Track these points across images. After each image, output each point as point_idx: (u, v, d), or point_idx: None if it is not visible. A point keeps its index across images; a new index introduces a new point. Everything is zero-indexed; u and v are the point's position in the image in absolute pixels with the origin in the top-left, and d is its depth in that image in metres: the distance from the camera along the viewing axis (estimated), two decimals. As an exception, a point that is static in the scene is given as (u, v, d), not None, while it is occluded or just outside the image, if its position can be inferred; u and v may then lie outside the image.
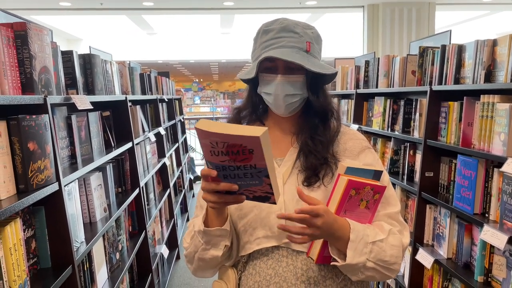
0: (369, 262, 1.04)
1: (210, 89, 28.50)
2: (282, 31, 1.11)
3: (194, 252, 1.15)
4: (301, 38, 1.12)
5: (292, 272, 1.10)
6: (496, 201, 1.84)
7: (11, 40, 1.41)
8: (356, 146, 1.21)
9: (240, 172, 0.94)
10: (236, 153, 0.90)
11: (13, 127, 1.34)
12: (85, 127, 2.08)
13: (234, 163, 0.92)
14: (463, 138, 2.06)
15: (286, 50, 1.10)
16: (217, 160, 0.92)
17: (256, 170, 0.93)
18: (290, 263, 1.11)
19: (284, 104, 1.14)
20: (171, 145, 5.02)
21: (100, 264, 2.04)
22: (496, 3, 7.87)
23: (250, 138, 0.87)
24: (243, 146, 0.89)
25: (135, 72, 3.38)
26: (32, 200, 1.36)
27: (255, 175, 0.94)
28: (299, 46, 1.11)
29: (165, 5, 7.35)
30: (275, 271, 1.11)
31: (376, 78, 3.18)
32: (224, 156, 0.91)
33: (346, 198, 1.05)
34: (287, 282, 1.10)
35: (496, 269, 1.82)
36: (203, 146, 0.91)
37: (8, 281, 1.26)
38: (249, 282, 1.14)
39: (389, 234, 1.09)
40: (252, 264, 1.14)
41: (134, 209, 2.85)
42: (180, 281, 3.94)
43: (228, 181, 0.96)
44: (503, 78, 1.84)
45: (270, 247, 1.12)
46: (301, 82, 1.14)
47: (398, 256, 1.08)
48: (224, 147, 0.90)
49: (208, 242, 1.10)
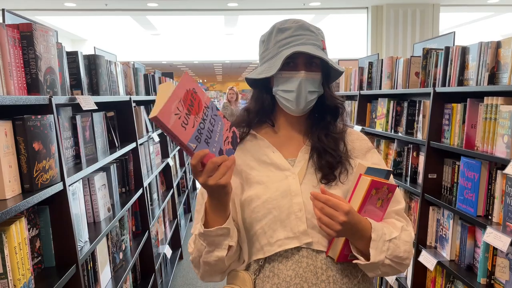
0: (387, 259, 1.07)
1: (214, 89, 28.55)
2: (299, 29, 1.12)
3: (198, 256, 1.12)
4: (317, 36, 1.14)
5: (312, 272, 1.10)
6: (499, 203, 1.83)
7: (17, 41, 1.43)
8: (363, 147, 1.23)
9: (208, 124, 0.96)
10: (192, 104, 0.92)
11: (19, 127, 1.35)
12: (89, 127, 2.09)
13: (199, 116, 0.93)
14: (467, 140, 2.06)
15: (310, 46, 1.11)
16: (190, 128, 0.91)
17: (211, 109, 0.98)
18: (311, 263, 1.11)
19: (305, 101, 1.14)
20: (174, 146, 5.03)
21: (103, 264, 2.05)
22: (500, 5, 7.85)
23: (183, 79, 0.91)
24: (188, 90, 0.91)
25: (139, 72, 3.39)
26: (37, 200, 1.37)
27: (214, 116, 0.98)
28: (318, 44, 1.13)
29: (169, 6, 7.37)
30: (295, 272, 1.10)
31: (380, 80, 3.18)
32: (190, 116, 0.91)
33: (368, 198, 1.06)
34: (308, 282, 1.09)
35: (499, 271, 1.81)
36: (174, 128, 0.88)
37: (13, 280, 1.27)
38: (265, 285, 1.12)
39: (402, 231, 1.11)
40: (270, 267, 1.13)
41: (138, 209, 2.86)
42: (183, 281, 3.95)
43: (211, 146, 0.96)
44: (507, 80, 1.84)
45: (290, 248, 1.11)
46: (319, 79, 1.15)
47: (410, 251, 1.11)
48: (183, 106, 0.89)
49: (210, 243, 1.07)
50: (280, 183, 1.12)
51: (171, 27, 10.82)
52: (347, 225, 1.00)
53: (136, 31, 10.89)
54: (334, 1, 7.13)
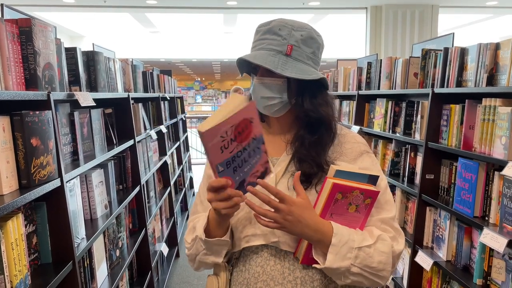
0: (354, 268, 1.03)
1: (212, 88, 28.52)
2: (267, 32, 1.11)
3: (195, 254, 1.17)
4: (283, 41, 1.09)
5: (279, 271, 1.11)
6: (496, 204, 1.84)
7: (15, 36, 1.42)
8: (354, 150, 1.17)
9: (246, 155, 0.97)
10: (241, 132, 0.94)
11: (17, 122, 1.35)
12: (87, 124, 2.08)
13: (242, 145, 0.95)
14: (464, 141, 2.07)
15: (263, 52, 1.09)
16: (227, 153, 0.94)
17: (257, 142, 0.97)
18: (278, 262, 1.12)
19: (262, 106, 1.14)
20: (172, 144, 5.02)
21: (100, 261, 2.05)
22: (499, 7, 7.86)
23: (248, 107, 0.92)
24: (245, 119, 0.93)
25: (137, 70, 3.39)
26: (34, 196, 1.36)
27: (256, 149, 0.98)
28: (278, 49, 1.09)
29: (168, 4, 7.35)
30: (263, 269, 1.12)
31: (378, 80, 3.19)
32: (233, 142, 0.93)
33: (331, 201, 1.04)
34: (274, 281, 1.10)
35: (495, 272, 1.82)
36: (212, 148, 0.91)
37: (9, 276, 1.27)
38: (239, 278, 1.16)
39: (378, 240, 1.06)
40: (243, 261, 1.17)
41: (135, 206, 2.85)
42: (179, 279, 3.95)
43: (237, 174, 0.98)
44: (505, 81, 1.84)
45: (260, 245, 1.13)
46: (280, 85, 1.12)
47: (387, 263, 1.06)
48: (233, 132, 0.92)
49: (209, 249, 1.13)
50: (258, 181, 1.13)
51: (170, 24, 10.80)
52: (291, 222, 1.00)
53: (134, 28, 10.86)
54: (333, 1, 7.13)
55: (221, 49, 12.23)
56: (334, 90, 4.25)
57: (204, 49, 12.17)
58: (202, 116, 15.47)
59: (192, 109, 21.71)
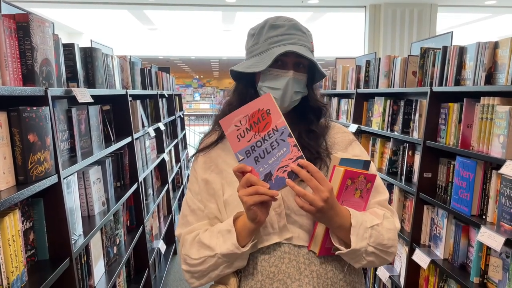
0: (370, 247, 1.07)
1: (210, 86, 28.49)
2: (292, 28, 1.13)
3: (209, 271, 1.12)
4: (307, 38, 1.15)
5: (295, 268, 1.10)
6: (493, 203, 1.84)
7: (13, 31, 1.41)
8: (344, 139, 1.24)
9: (267, 145, 1.00)
10: (257, 122, 1.01)
11: (14, 118, 1.34)
12: (85, 121, 2.08)
13: (259, 135, 1.01)
14: (462, 139, 2.07)
15: (301, 47, 1.11)
16: (245, 142, 1.02)
17: (279, 133, 1.00)
18: (293, 258, 1.11)
19: (290, 101, 1.16)
20: (170, 141, 5.02)
21: (97, 258, 2.05)
22: (498, 6, 7.87)
23: (262, 98, 1.01)
24: (260, 110, 1.01)
25: (136, 66, 3.38)
26: (31, 192, 1.36)
27: (280, 141, 1.00)
28: (308, 45, 1.14)
29: (167, 1, 7.33)
30: (278, 268, 1.10)
31: (377, 78, 3.19)
32: (250, 132, 1.01)
33: (343, 188, 1.07)
34: (291, 278, 1.09)
35: (492, 271, 1.82)
36: (229, 136, 1.02)
37: (5, 272, 1.26)
38: (250, 282, 1.12)
39: (384, 219, 1.12)
40: (253, 264, 1.13)
41: (132, 203, 2.85)
42: (177, 276, 3.95)
43: (260, 165, 1.01)
44: (503, 80, 1.84)
45: (272, 244, 1.11)
46: (304, 80, 1.17)
47: (395, 239, 1.12)
48: (247, 121, 1.01)
49: (236, 260, 1.09)
50: None
51: (168, 22, 10.77)
52: (328, 205, 0.99)
53: (133, 25, 10.83)
54: (332, -1, 7.13)
55: (220, 47, 12.22)
56: (333, 89, 4.25)
57: (203, 47, 12.16)
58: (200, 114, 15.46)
59: (190, 106, 21.69)
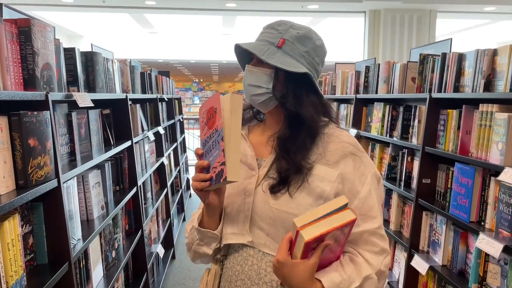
0: None
1: (210, 89, 28.51)
2: (266, 27, 1.16)
3: (191, 243, 1.23)
4: (278, 34, 1.11)
5: (256, 272, 1.12)
6: (492, 209, 1.85)
7: (14, 36, 1.42)
8: (338, 151, 1.10)
9: (211, 143, 1.05)
10: (210, 119, 1.06)
11: (14, 122, 1.35)
12: (85, 125, 2.08)
13: (209, 131, 1.06)
14: (461, 146, 2.07)
15: (255, 42, 1.14)
16: (203, 134, 1.09)
17: (217, 134, 1.02)
18: (255, 262, 1.12)
19: (249, 94, 1.16)
20: (169, 145, 5.02)
21: (96, 262, 2.04)
22: (497, 13, 7.90)
23: (214, 96, 1.04)
24: (212, 108, 1.05)
25: (136, 70, 3.38)
26: (31, 196, 1.36)
27: (216, 142, 1.03)
28: (271, 40, 1.11)
29: (167, 5, 7.35)
30: (242, 268, 1.14)
31: (376, 84, 3.20)
32: (205, 126, 1.08)
33: (308, 252, 0.97)
34: (251, 280, 1.12)
35: (491, 277, 1.83)
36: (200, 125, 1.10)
37: (5, 276, 1.26)
38: (225, 275, 1.19)
39: (365, 281, 1.03)
40: (229, 258, 1.19)
41: (131, 207, 2.85)
42: (175, 281, 3.94)
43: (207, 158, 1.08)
44: (502, 87, 1.85)
45: (241, 244, 1.15)
46: (267, 76, 1.11)
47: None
48: (205, 116, 1.07)
49: (201, 239, 1.19)
50: (243, 181, 1.14)
51: (168, 25, 10.79)
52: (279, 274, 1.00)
53: (133, 29, 10.85)
54: (332, 4, 7.14)
55: (220, 51, 12.23)
56: (332, 94, 4.26)
57: (203, 51, 12.18)
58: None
59: (190, 110, 21.70)
